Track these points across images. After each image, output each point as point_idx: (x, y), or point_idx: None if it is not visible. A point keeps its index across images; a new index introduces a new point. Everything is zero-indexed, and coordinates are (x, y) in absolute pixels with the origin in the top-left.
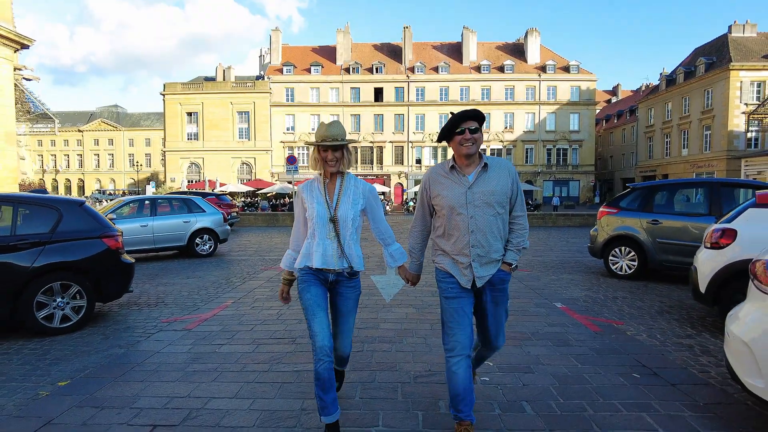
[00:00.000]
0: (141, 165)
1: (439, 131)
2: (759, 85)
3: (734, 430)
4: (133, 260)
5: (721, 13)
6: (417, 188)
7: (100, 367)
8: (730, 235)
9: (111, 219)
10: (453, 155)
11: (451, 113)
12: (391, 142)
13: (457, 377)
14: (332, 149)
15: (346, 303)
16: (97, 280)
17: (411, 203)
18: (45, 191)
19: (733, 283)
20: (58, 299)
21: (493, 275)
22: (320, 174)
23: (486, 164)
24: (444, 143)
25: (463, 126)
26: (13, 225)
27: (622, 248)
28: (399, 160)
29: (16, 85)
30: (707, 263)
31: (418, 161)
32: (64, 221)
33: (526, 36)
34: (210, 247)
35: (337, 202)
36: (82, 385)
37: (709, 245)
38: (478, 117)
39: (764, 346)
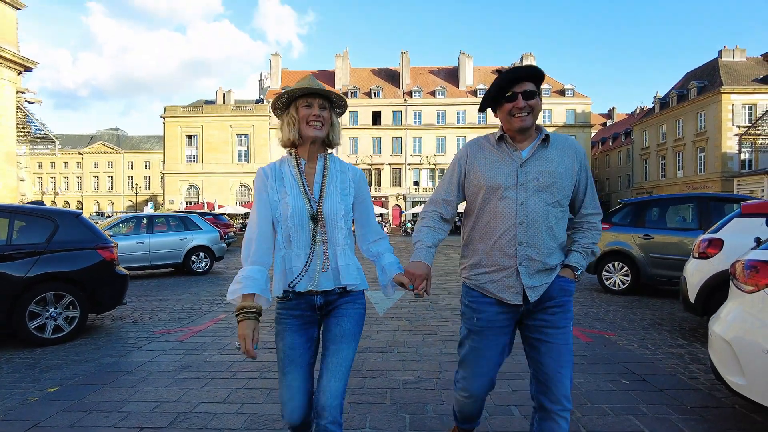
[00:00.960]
0: (140, 187)
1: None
2: (750, 108)
3: (720, 431)
4: (128, 272)
5: (711, 39)
6: (416, 210)
7: (90, 375)
8: (717, 244)
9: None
10: (501, 125)
11: (498, 71)
12: (389, 164)
13: (465, 409)
14: (318, 104)
15: (342, 323)
16: (91, 290)
17: (409, 224)
18: (42, 203)
19: (721, 291)
20: (51, 309)
21: (551, 284)
22: (291, 153)
23: (547, 137)
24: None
25: (514, 89)
26: (9, 235)
27: (615, 263)
28: (397, 182)
29: (18, 107)
30: (696, 273)
31: (416, 183)
32: (59, 232)
33: (521, 60)
34: (206, 264)
35: (322, 192)
36: (71, 391)
37: (697, 255)
38: (535, 76)
39: (745, 344)
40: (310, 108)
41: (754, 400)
